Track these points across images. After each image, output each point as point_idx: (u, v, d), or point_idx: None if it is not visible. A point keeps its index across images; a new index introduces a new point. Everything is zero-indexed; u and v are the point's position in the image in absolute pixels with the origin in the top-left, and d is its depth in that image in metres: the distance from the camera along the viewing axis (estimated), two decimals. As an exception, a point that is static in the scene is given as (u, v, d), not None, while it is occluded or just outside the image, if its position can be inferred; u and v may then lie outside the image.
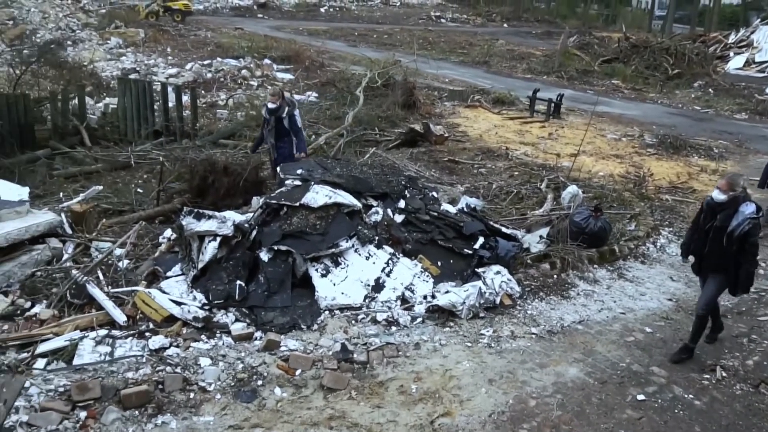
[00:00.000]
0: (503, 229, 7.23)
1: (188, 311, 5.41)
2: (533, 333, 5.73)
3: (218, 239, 5.95)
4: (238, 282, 5.72)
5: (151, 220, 7.68)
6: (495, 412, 4.61)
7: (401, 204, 6.84)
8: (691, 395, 5.01)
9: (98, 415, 4.20)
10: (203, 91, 16.13)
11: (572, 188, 8.77)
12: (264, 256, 5.93)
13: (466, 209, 7.55)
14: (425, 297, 6.01)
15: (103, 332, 5.07)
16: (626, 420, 4.65)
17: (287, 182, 6.75)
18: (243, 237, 6.10)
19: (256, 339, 5.28)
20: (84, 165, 10.07)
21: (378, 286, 6.00)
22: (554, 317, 6.05)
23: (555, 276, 6.76)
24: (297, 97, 15.19)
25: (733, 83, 22.12)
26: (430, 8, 48.56)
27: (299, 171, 6.84)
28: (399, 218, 6.72)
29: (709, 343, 5.72)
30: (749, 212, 5.00)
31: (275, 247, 5.93)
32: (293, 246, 5.93)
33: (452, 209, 7.27)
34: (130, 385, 4.43)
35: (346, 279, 5.96)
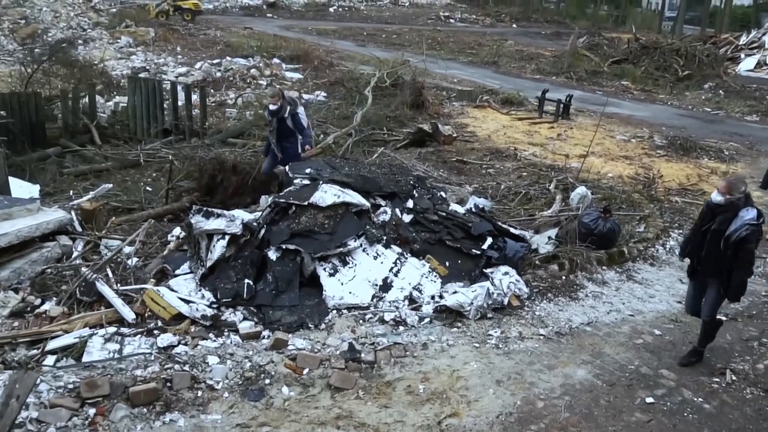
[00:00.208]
0: (512, 230, 7.20)
1: (196, 309, 5.43)
2: (541, 334, 5.71)
3: (227, 238, 5.96)
4: (247, 280, 5.72)
5: (160, 219, 7.72)
6: (503, 413, 4.59)
7: (409, 204, 6.83)
8: (701, 399, 4.97)
9: (107, 412, 4.22)
10: (212, 90, 16.18)
11: (581, 189, 8.72)
12: (272, 255, 5.94)
13: (475, 209, 7.53)
14: (433, 297, 6.00)
15: (112, 330, 5.10)
16: (635, 423, 4.62)
17: (296, 181, 6.76)
18: (251, 236, 6.11)
19: (264, 338, 5.29)
20: (94, 163, 10.14)
21: (386, 286, 5.99)
22: (562, 318, 6.03)
23: (563, 277, 6.74)
24: (306, 97, 15.25)
25: (744, 85, 21.91)
26: (439, 8, 48.54)
27: (308, 170, 6.85)
28: (407, 218, 6.71)
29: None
30: (749, 218, 4.81)
31: (283, 246, 5.93)
32: (301, 245, 5.93)
33: (460, 209, 7.26)
34: (139, 383, 4.45)
35: (354, 278, 5.96)
